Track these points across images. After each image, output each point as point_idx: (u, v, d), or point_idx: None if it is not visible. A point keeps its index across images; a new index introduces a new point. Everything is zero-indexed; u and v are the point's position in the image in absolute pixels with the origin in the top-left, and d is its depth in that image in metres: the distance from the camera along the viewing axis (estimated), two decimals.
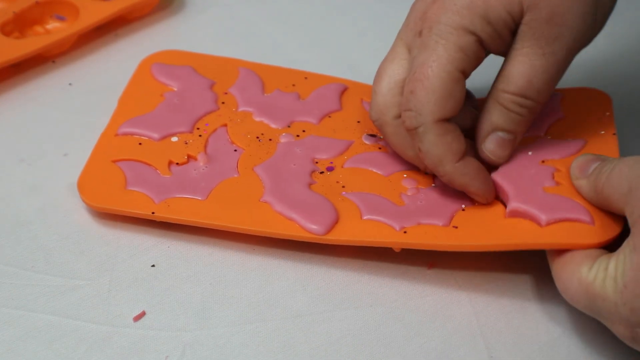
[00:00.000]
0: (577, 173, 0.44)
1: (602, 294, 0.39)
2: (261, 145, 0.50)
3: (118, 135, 0.50)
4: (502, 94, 0.44)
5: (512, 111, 0.45)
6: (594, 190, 0.43)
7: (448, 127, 0.44)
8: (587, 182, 0.43)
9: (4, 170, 0.50)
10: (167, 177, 0.48)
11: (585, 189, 0.43)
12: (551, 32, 0.43)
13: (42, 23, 0.59)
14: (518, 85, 0.44)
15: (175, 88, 0.53)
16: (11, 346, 0.42)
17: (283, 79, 0.54)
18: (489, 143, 0.45)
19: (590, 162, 0.44)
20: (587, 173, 0.43)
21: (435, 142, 0.43)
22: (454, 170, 0.44)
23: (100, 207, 0.47)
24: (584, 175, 0.43)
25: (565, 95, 0.51)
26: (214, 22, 0.62)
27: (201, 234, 0.47)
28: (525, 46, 0.44)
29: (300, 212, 0.45)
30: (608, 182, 0.42)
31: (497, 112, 0.45)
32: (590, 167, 0.43)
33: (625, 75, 0.58)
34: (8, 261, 0.45)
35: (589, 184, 0.43)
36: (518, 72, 0.44)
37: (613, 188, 0.41)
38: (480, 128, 0.46)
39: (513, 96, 0.44)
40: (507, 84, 0.44)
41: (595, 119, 0.49)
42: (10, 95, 0.55)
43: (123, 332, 0.42)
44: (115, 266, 0.45)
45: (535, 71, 0.44)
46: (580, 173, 0.44)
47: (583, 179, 0.43)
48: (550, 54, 0.43)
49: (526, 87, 0.44)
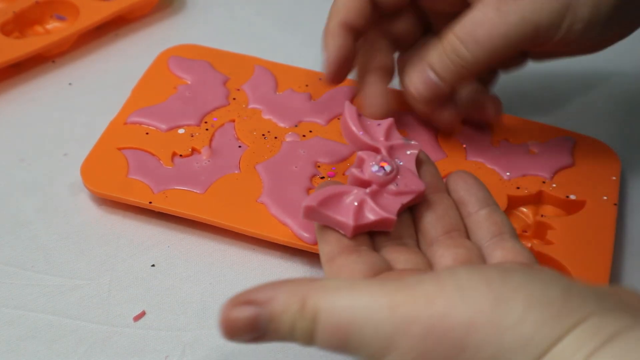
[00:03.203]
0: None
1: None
2: (266, 143, 0.50)
3: (127, 124, 0.51)
4: (447, 33, 0.44)
5: (446, 54, 0.44)
6: None
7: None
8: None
9: (4, 170, 0.50)
10: (169, 168, 0.48)
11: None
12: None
13: (42, 23, 0.59)
14: (463, 28, 0.43)
15: (189, 81, 0.54)
16: (11, 346, 0.42)
17: (297, 79, 0.54)
18: (416, 74, 0.45)
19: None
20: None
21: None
22: (332, 28, 0.46)
23: (100, 192, 0.47)
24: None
25: (577, 142, 0.51)
26: (214, 22, 0.62)
27: (201, 234, 0.47)
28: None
29: (294, 218, 0.45)
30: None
31: (436, 50, 0.45)
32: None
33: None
34: (8, 261, 0.45)
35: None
36: (469, 17, 0.43)
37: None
38: (417, 58, 0.46)
39: (453, 37, 0.44)
40: (455, 24, 0.44)
41: (601, 180, 0.49)
42: (10, 95, 0.55)
43: (123, 332, 0.42)
44: (115, 266, 0.45)
45: (483, 21, 0.43)
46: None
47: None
48: (505, 12, 0.42)
49: (468, 32, 0.43)
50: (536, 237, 0.47)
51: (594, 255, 0.45)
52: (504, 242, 0.40)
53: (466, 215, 0.42)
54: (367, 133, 0.43)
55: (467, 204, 0.42)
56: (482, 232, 0.41)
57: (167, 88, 0.53)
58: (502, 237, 0.40)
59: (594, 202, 0.48)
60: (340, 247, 0.39)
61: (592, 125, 0.54)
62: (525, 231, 0.47)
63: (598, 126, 0.54)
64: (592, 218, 0.47)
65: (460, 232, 0.41)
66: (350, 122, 0.43)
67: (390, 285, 0.31)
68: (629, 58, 0.59)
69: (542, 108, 0.55)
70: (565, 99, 0.50)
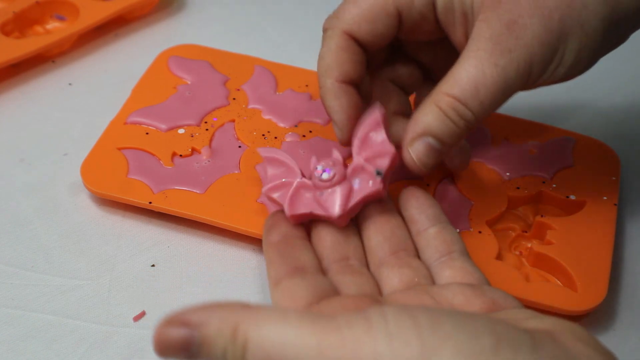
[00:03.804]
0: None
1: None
2: (266, 143, 0.50)
3: (127, 124, 0.51)
4: (443, 96, 0.40)
5: (449, 118, 0.40)
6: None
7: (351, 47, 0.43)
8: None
9: (4, 170, 0.50)
10: (169, 168, 0.48)
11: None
12: (508, 41, 0.39)
13: (42, 23, 0.59)
14: (463, 90, 0.39)
15: (189, 81, 0.54)
16: (11, 346, 0.42)
17: (297, 79, 0.54)
18: (418, 145, 0.41)
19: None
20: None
21: (330, 49, 0.43)
22: (331, 87, 0.42)
23: (100, 192, 0.47)
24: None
25: (577, 142, 0.51)
26: (213, 22, 0.62)
27: (201, 234, 0.47)
28: (480, 48, 0.39)
29: None
30: None
31: (433, 115, 0.40)
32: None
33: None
34: (8, 261, 0.45)
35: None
36: (467, 75, 0.39)
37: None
38: (412, 128, 0.41)
39: (455, 101, 0.40)
40: (452, 86, 0.40)
41: (601, 180, 0.49)
42: (10, 95, 0.55)
43: (123, 332, 0.42)
44: (115, 266, 0.45)
45: (485, 80, 0.39)
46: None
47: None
48: (502, 67, 0.39)
49: (470, 95, 0.39)
50: (536, 237, 0.47)
51: (593, 255, 0.45)
52: (453, 262, 0.40)
53: (416, 234, 0.42)
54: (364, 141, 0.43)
55: (417, 222, 0.42)
56: (431, 250, 0.41)
57: (167, 88, 0.53)
58: (451, 256, 0.41)
59: (593, 202, 0.48)
60: (286, 270, 0.39)
61: (592, 125, 0.54)
62: (525, 231, 0.47)
63: (598, 126, 0.54)
64: (592, 218, 0.47)
65: (407, 251, 0.41)
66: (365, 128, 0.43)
67: (321, 323, 0.31)
68: (629, 58, 0.59)
69: (542, 108, 0.55)
70: (565, 99, 0.50)
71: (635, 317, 0.45)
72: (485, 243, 0.45)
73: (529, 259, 0.46)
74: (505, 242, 0.47)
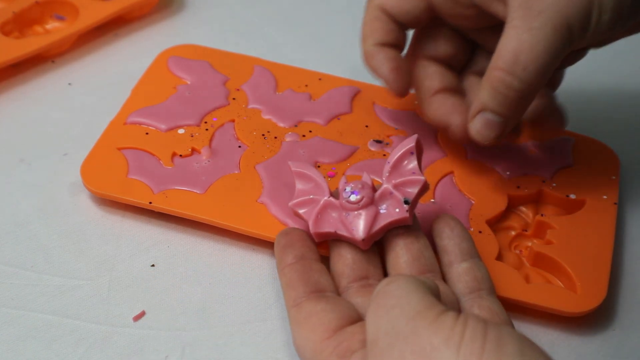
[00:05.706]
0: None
1: None
2: (266, 143, 0.50)
3: (126, 124, 0.50)
4: (492, 71, 0.43)
5: (498, 91, 0.43)
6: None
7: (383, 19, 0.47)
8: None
9: (4, 170, 0.50)
10: (169, 168, 0.48)
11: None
12: (537, 3, 0.41)
13: (42, 23, 0.59)
14: (505, 61, 0.42)
15: (188, 81, 0.54)
16: (11, 346, 0.42)
17: (297, 79, 0.54)
18: (477, 122, 0.44)
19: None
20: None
21: (366, 21, 0.47)
22: (368, 49, 0.47)
23: (100, 192, 0.47)
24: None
25: (577, 142, 0.51)
26: (213, 22, 0.62)
27: (201, 234, 0.47)
28: (514, 17, 0.41)
29: (294, 218, 0.45)
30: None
31: (486, 90, 0.43)
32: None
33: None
34: (8, 261, 0.45)
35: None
36: (506, 46, 0.42)
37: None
38: (473, 105, 0.44)
39: (501, 72, 0.42)
40: (496, 60, 0.42)
41: (601, 179, 0.49)
42: (10, 95, 0.55)
43: (123, 332, 0.42)
44: (115, 266, 0.45)
45: (522, 46, 0.41)
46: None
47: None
48: (537, 28, 0.41)
49: (512, 63, 0.42)
50: (536, 237, 0.47)
51: (593, 255, 0.45)
52: (481, 300, 0.41)
53: (447, 264, 0.42)
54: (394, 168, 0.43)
55: (450, 254, 0.42)
56: (461, 285, 0.42)
57: (167, 88, 0.53)
58: (479, 294, 0.41)
59: (593, 201, 0.48)
60: (304, 291, 0.40)
61: (592, 125, 0.54)
62: (526, 230, 0.47)
63: (598, 126, 0.54)
64: (592, 217, 0.47)
65: (434, 273, 0.42)
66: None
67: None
68: (629, 58, 0.59)
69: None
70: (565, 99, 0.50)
71: (635, 317, 0.45)
72: (486, 243, 0.45)
73: (529, 258, 0.46)
74: (506, 241, 0.47)
